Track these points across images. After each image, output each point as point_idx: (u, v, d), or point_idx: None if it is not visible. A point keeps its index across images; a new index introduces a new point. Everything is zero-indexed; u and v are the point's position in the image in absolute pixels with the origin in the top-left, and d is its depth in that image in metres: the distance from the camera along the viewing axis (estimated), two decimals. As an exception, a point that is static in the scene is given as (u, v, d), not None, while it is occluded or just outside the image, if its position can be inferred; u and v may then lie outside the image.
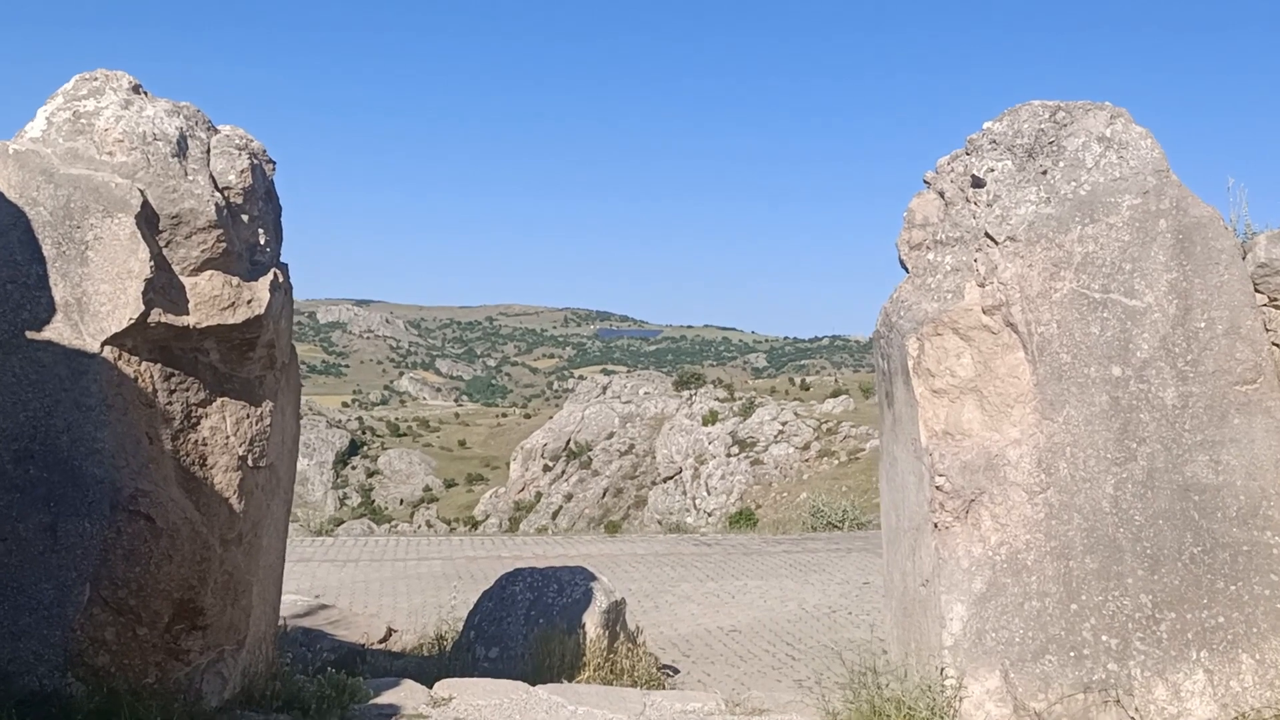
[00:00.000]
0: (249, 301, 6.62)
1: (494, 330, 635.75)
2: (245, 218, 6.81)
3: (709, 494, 75.13)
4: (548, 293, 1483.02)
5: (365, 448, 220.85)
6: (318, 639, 11.97)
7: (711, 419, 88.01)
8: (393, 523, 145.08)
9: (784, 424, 79.11)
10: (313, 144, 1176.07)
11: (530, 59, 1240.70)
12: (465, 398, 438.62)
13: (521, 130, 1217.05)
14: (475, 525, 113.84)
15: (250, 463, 6.89)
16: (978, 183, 6.84)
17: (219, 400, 6.72)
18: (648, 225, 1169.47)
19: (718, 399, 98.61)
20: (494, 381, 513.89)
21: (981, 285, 6.57)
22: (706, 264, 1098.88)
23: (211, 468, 6.71)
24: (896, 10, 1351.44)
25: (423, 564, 17.67)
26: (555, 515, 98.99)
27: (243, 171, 6.75)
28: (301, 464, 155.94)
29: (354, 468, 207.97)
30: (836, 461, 70.00)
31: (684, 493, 79.54)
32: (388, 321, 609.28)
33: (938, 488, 6.48)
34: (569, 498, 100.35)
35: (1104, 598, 6.31)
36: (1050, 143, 6.74)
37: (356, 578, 16.53)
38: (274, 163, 7.27)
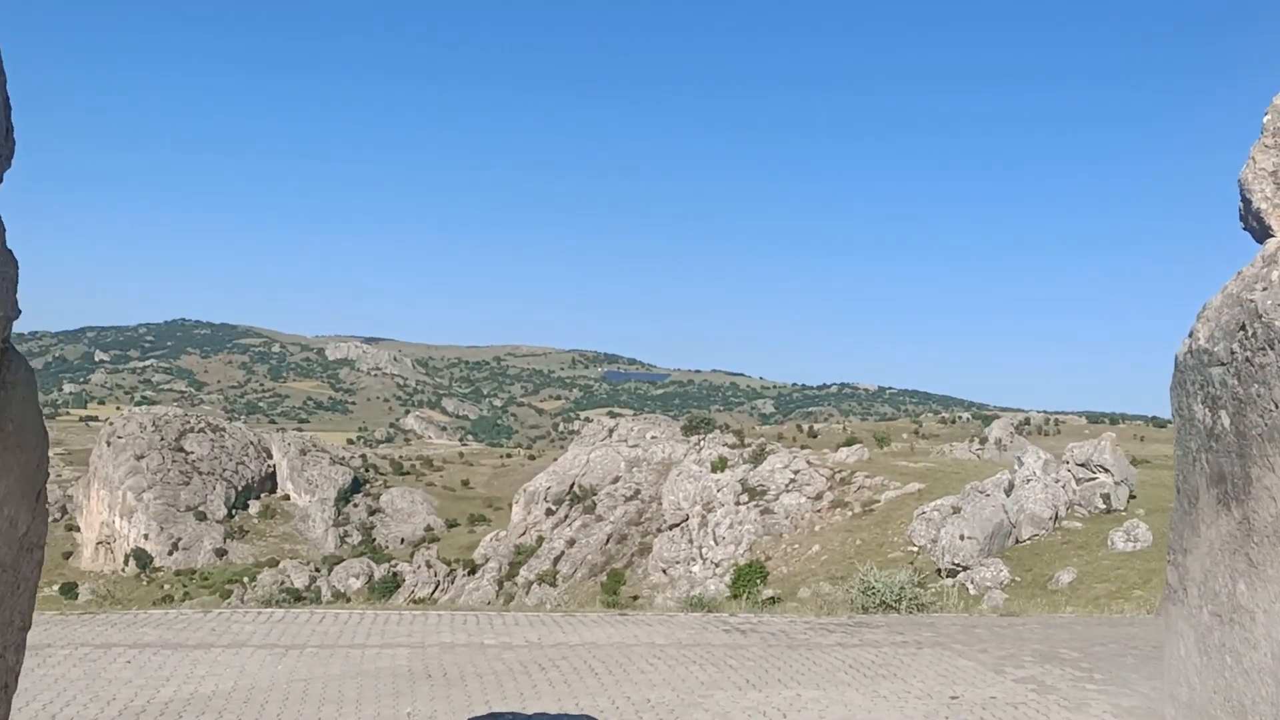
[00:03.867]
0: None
1: (501, 370, 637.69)
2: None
3: (716, 543, 71.88)
4: (556, 334, 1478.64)
5: (368, 485, 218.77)
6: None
7: (721, 466, 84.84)
8: (392, 562, 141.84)
9: (796, 472, 75.92)
10: (322, 182, 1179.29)
11: (542, 106, 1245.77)
12: (470, 437, 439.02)
13: (532, 174, 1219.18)
14: (474, 569, 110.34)
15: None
16: None
17: None
18: (657, 269, 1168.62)
19: (727, 445, 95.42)
20: (499, 421, 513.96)
21: None
22: (715, 309, 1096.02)
23: None
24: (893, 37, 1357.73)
25: (384, 653, 13.93)
26: (556, 561, 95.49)
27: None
28: (303, 500, 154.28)
29: (355, 505, 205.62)
30: (850, 513, 66.73)
31: (690, 541, 76.16)
32: (396, 360, 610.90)
33: None
34: (571, 543, 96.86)
35: None
36: None
37: (295, 674, 12.70)
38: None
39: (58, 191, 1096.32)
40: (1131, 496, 47.12)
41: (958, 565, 40.49)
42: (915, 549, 47.77)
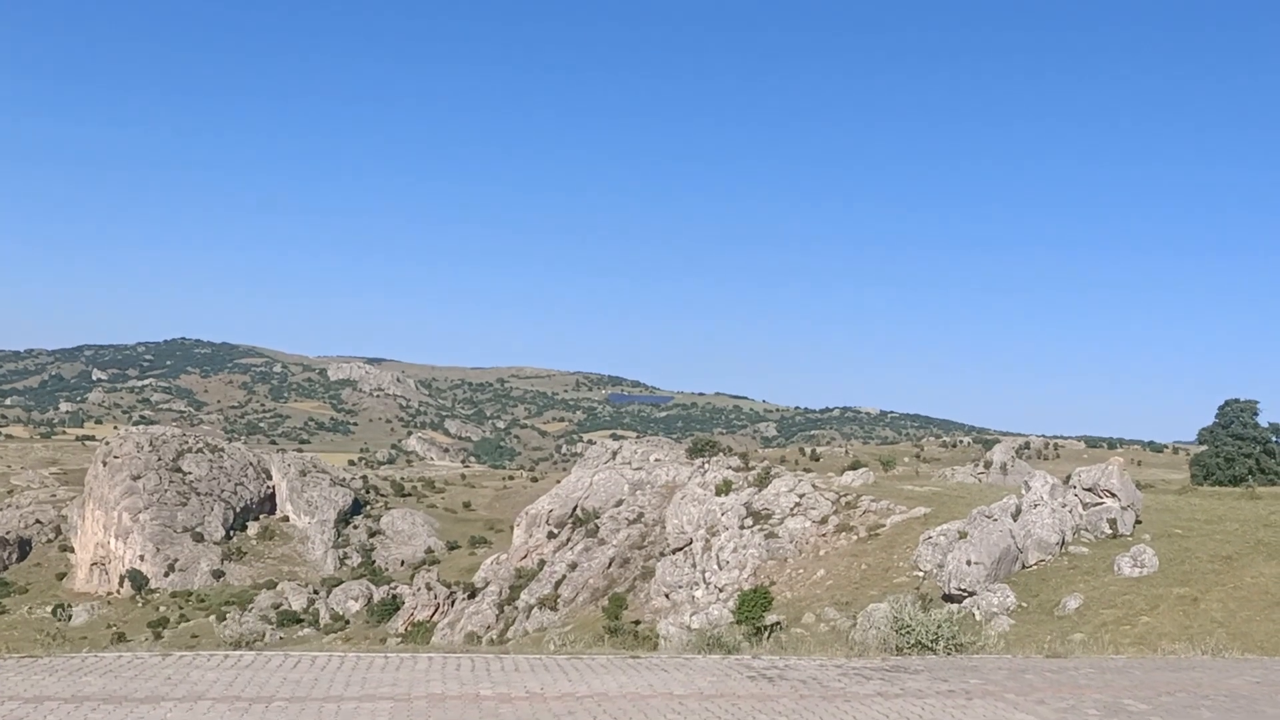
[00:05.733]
0: None
1: (505, 392, 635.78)
2: None
3: (720, 568, 70.21)
4: (560, 356, 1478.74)
5: (368, 507, 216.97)
6: None
7: (725, 489, 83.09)
8: (392, 584, 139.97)
9: (801, 496, 74.24)
10: (325, 200, 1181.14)
11: (548, 131, 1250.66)
12: (473, 459, 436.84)
13: (538, 197, 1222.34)
14: (474, 593, 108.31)
15: None
16: None
17: None
18: (661, 292, 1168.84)
19: (732, 468, 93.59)
20: (502, 443, 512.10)
21: None
22: (719, 332, 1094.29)
23: None
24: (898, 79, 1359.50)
25: (363, 708, 12.14)
26: (558, 585, 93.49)
27: None
28: (303, 522, 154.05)
29: (355, 527, 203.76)
30: (855, 537, 65.12)
31: (694, 565, 74.57)
32: (399, 380, 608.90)
33: None
34: (573, 567, 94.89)
35: None
36: None
37: (257, 737, 10.89)
38: None
39: (55, 207, 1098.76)
40: (1138, 521, 45.98)
41: (964, 590, 39.37)
42: (921, 574, 46.46)
